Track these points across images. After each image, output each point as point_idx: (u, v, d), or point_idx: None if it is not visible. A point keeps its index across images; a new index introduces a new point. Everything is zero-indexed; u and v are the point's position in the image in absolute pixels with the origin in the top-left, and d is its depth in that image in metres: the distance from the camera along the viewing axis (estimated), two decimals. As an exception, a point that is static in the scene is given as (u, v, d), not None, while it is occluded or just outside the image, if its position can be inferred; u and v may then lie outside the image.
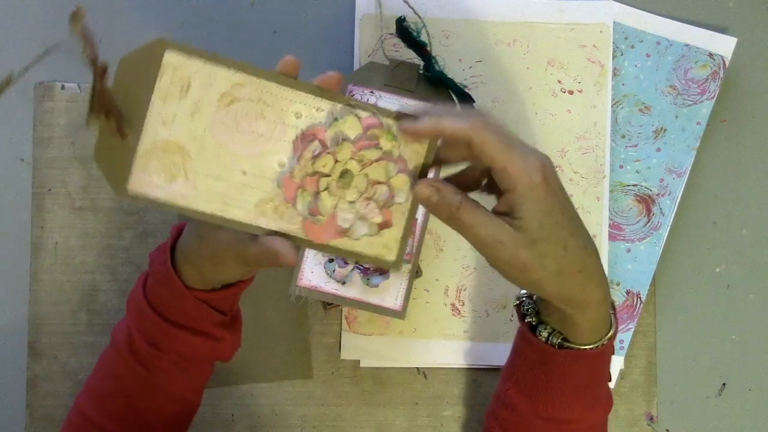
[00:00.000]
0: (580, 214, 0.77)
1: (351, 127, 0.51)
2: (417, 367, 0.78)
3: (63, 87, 0.79)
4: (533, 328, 0.60)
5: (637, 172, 0.78)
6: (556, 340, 0.59)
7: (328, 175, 0.51)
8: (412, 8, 0.76)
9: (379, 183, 0.52)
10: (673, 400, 0.78)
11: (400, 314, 0.73)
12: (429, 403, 0.78)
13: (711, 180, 0.80)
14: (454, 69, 0.78)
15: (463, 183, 0.54)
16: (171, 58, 0.48)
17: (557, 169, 0.78)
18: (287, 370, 0.77)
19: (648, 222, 0.78)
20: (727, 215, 0.80)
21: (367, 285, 0.73)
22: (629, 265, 0.78)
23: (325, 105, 0.50)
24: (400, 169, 0.52)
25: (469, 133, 0.49)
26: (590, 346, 0.58)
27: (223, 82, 0.49)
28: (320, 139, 0.51)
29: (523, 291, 0.63)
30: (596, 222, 0.77)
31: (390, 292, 0.73)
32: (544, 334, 0.59)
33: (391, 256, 0.53)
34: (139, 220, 0.78)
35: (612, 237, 0.78)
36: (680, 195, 0.78)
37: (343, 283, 0.73)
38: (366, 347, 0.77)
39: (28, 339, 0.77)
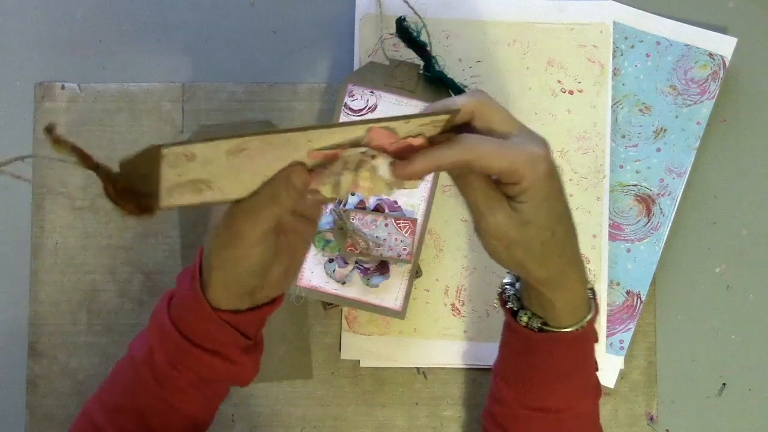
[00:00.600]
0: (580, 214, 0.78)
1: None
2: (417, 367, 0.78)
3: (63, 87, 0.79)
4: (515, 314, 0.62)
5: (637, 172, 0.78)
6: (535, 324, 0.60)
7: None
8: (412, 8, 0.76)
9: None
10: (673, 400, 0.78)
11: (400, 314, 0.73)
12: (429, 403, 0.78)
13: (711, 180, 0.80)
14: (454, 69, 0.78)
15: None
16: (169, 150, 0.48)
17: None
18: (287, 370, 0.77)
19: (648, 222, 0.78)
20: (727, 215, 0.80)
21: (367, 285, 0.73)
22: (629, 265, 0.78)
23: (335, 131, 0.50)
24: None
25: (463, 158, 0.50)
26: (569, 329, 0.59)
27: (226, 146, 0.49)
28: (337, 155, 0.51)
29: (506, 279, 0.64)
30: (596, 222, 0.77)
31: (390, 292, 0.73)
32: (524, 318, 0.60)
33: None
34: (139, 220, 0.78)
35: (612, 237, 0.78)
36: (680, 195, 0.78)
37: (343, 283, 0.73)
38: (366, 347, 0.77)
39: (28, 339, 0.77)
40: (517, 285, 0.62)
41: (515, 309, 0.62)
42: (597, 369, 0.64)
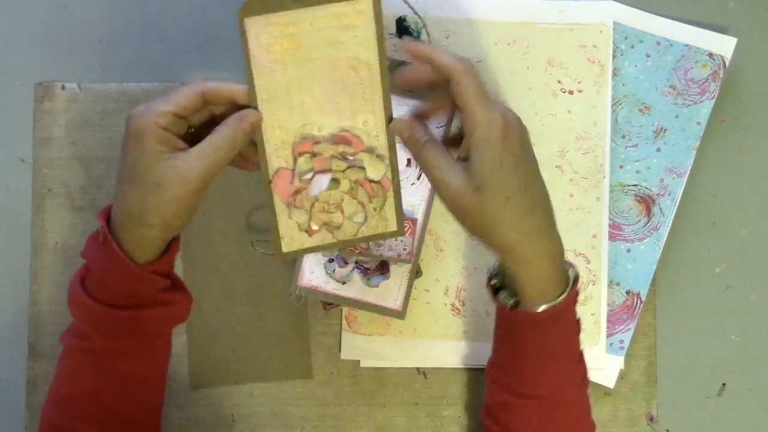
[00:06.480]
0: (580, 214, 0.78)
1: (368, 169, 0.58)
2: (417, 367, 0.78)
3: (63, 87, 0.79)
4: (497, 292, 0.63)
5: (637, 172, 0.78)
6: (509, 301, 0.61)
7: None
8: (412, 8, 0.76)
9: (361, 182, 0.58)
10: (673, 400, 0.78)
11: (400, 314, 0.73)
12: (429, 403, 0.78)
13: (711, 180, 0.80)
14: (454, 69, 0.78)
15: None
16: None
17: (556, 169, 0.78)
18: (287, 370, 0.77)
19: (648, 222, 0.78)
20: (727, 215, 0.80)
21: (367, 285, 0.73)
22: (629, 265, 0.78)
23: (371, 127, 0.57)
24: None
25: (453, 71, 0.55)
26: (540, 309, 0.59)
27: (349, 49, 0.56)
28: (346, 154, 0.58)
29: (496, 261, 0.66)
30: (596, 222, 0.77)
31: (390, 292, 0.73)
32: (503, 296, 0.62)
33: (392, 227, 0.60)
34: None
35: (612, 237, 0.78)
36: (680, 195, 0.78)
37: (343, 283, 0.73)
38: (366, 347, 0.77)
39: (28, 339, 0.77)
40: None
41: (497, 287, 0.63)
42: (581, 360, 0.64)
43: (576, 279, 0.61)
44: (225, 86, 0.57)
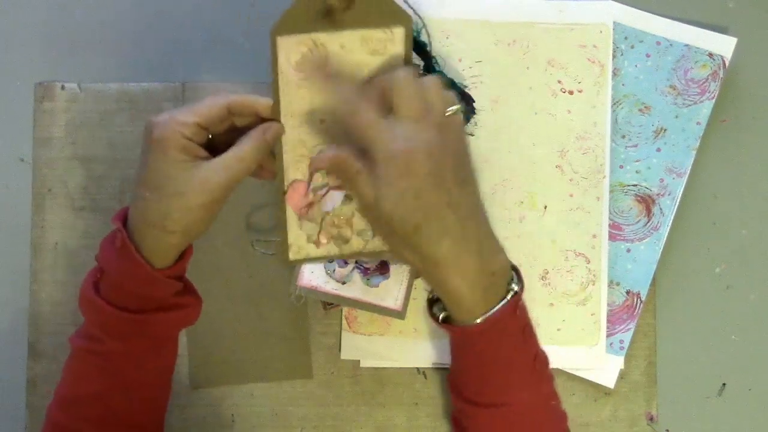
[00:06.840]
0: (580, 214, 0.78)
1: None
2: (417, 367, 0.78)
3: (63, 87, 0.79)
4: (433, 304, 0.63)
5: (637, 172, 0.78)
6: (440, 314, 0.61)
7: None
8: (412, 8, 0.76)
9: None
10: (673, 400, 0.78)
11: (400, 314, 0.73)
12: (429, 403, 0.78)
13: (711, 180, 0.80)
14: (454, 69, 0.78)
15: None
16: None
17: (556, 169, 0.78)
18: (287, 370, 0.77)
19: (648, 222, 0.78)
20: (727, 215, 0.80)
21: (367, 285, 0.73)
22: (629, 265, 0.78)
23: None
24: None
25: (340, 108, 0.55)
26: (470, 324, 0.58)
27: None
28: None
29: None
30: (596, 222, 0.77)
31: (390, 292, 0.73)
32: (436, 308, 0.62)
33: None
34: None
35: (612, 237, 0.78)
36: (680, 195, 0.78)
37: (343, 283, 0.73)
38: (366, 347, 0.77)
39: (28, 339, 0.77)
40: None
41: (434, 298, 0.63)
42: (537, 361, 0.62)
43: (516, 294, 0.59)
44: (250, 99, 0.58)
